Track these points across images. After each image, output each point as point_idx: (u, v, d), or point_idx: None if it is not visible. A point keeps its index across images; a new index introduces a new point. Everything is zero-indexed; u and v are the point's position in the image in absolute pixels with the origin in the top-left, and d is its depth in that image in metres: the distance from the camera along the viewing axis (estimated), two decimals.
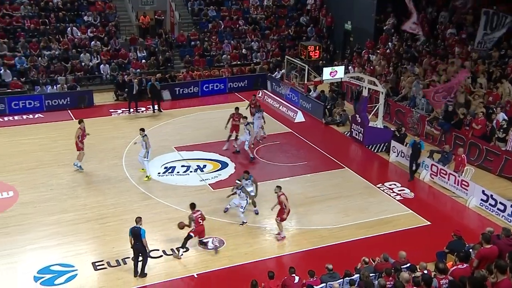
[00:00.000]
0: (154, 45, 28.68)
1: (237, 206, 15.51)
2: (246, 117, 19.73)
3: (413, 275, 10.31)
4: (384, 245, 13.74)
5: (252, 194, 15.79)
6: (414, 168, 18.34)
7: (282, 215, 14.49)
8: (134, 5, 30.64)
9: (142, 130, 17.99)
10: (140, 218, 12.96)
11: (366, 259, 12.08)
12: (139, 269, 13.00)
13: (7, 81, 24.76)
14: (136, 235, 12.69)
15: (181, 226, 13.94)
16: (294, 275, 11.44)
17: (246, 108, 21.64)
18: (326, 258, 12.98)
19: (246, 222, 15.45)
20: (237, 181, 15.69)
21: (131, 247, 12.90)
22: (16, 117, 23.24)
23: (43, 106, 24.01)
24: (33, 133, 21.69)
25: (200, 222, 13.90)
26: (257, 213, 16.00)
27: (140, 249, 12.79)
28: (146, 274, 13.08)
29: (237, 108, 20.23)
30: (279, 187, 14.67)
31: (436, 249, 13.18)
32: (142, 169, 18.30)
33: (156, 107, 24.25)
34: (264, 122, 20.93)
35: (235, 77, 27.77)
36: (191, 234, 13.88)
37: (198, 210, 14.02)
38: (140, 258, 12.96)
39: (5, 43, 26.18)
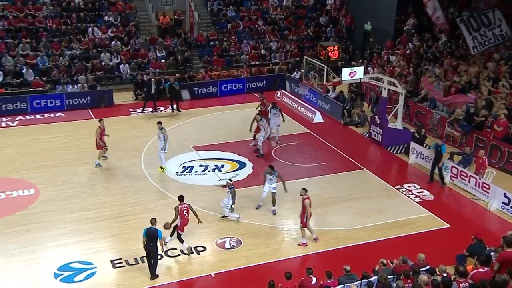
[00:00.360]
0: (173, 45, 28.86)
1: (224, 206, 15.48)
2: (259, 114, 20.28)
3: (432, 278, 10.20)
4: (403, 247, 13.61)
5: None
6: (437, 172, 18.05)
7: (302, 220, 14.34)
8: (154, 5, 30.86)
9: (160, 123, 18.37)
10: (155, 219, 12.96)
11: (384, 261, 11.99)
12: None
13: (29, 80, 25.13)
14: (153, 236, 12.69)
15: (166, 227, 13.76)
16: (311, 276, 11.40)
17: (257, 108, 21.60)
18: (343, 260, 12.90)
19: (227, 216, 15.54)
20: (228, 181, 15.71)
21: (144, 247, 12.88)
22: (37, 116, 23.59)
23: (64, 105, 24.33)
24: (54, 131, 21.98)
25: (185, 215, 13.86)
26: (274, 214, 15.98)
27: (152, 250, 12.80)
28: (158, 275, 13.05)
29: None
30: (305, 190, 14.36)
31: (456, 252, 13.02)
32: (161, 167, 18.48)
33: (174, 107, 24.39)
34: (283, 120, 20.85)
35: (254, 77, 27.79)
36: (179, 231, 13.88)
37: (186, 203, 14.01)
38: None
39: (28, 43, 26.60)
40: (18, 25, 27.26)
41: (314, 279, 11.35)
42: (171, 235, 14.17)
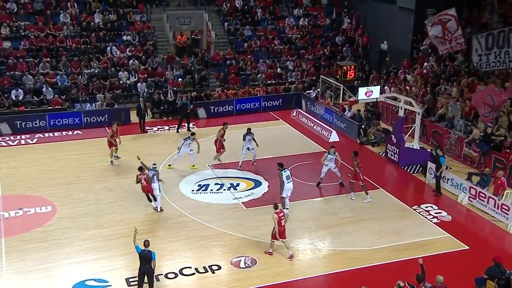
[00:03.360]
0: (190, 63, 29.16)
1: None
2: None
3: None
4: (419, 269, 13.39)
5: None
6: (435, 182, 18.51)
7: (272, 232, 14.61)
8: (172, 24, 31.29)
9: (193, 134, 20.35)
10: (149, 241, 12.91)
11: (401, 284, 11.80)
12: None
13: (49, 98, 25.56)
14: (147, 259, 12.68)
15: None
16: None
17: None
18: (359, 281, 12.76)
19: (162, 210, 16.88)
20: (153, 165, 17.13)
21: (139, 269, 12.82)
22: (56, 133, 23.92)
23: (82, 123, 24.66)
24: (72, 149, 22.24)
25: (143, 183, 16.41)
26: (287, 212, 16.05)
27: (148, 272, 12.78)
28: None
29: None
30: (275, 204, 14.73)
31: (475, 274, 12.80)
32: (193, 166, 20.16)
33: (186, 125, 24.53)
34: (257, 145, 20.50)
35: (270, 96, 27.91)
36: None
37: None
38: (146, 280, 12.88)
39: (48, 62, 27.11)
40: (39, 45, 27.83)
41: None
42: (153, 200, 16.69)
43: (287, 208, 16.62)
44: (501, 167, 18.71)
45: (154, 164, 17.33)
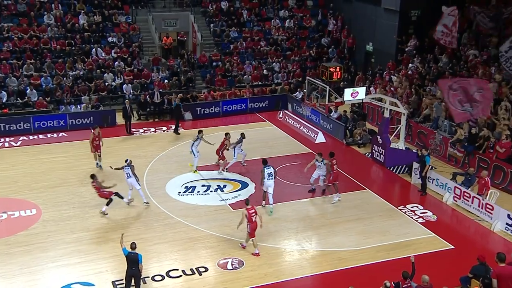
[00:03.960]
0: (176, 65, 29.08)
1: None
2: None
3: None
4: (406, 269, 13.45)
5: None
6: (421, 181, 18.67)
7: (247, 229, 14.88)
8: (158, 26, 31.18)
9: (200, 132, 20.21)
10: (135, 243, 12.83)
11: (387, 284, 11.87)
12: None
13: (33, 101, 25.30)
14: (134, 261, 12.63)
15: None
16: None
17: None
18: (346, 281, 12.81)
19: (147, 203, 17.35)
20: (126, 161, 17.39)
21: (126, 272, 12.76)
22: (40, 136, 23.68)
23: (67, 125, 24.44)
24: (57, 152, 22.04)
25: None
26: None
27: (135, 274, 12.72)
28: None
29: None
30: (247, 200, 15.28)
31: (459, 274, 12.92)
32: (191, 166, 20.06)
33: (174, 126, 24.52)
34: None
35: (256, 98, 27.93)
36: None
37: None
38: (133, 283, 12.82)
39: (32, 63, 26.83)
40: (23, 46, 27.55)
41: None
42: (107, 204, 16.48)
43: (271, 204, 16.93)
44: (484, 167, 18.91)
45: (127, 160, 17.54)
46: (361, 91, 21.86)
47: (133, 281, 12.78)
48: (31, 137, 23.57)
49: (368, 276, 13.71)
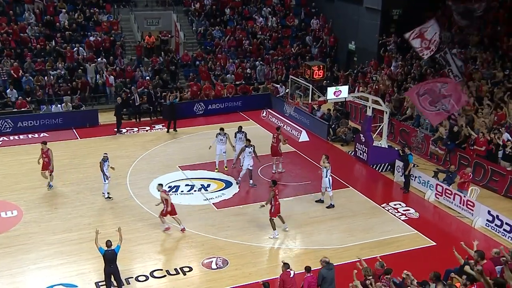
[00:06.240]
0: (159, 64, 28.88)
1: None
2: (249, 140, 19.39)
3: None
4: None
5: None
6: (404, 180, 18.80)
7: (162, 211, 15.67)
8: (140, 25, 30.96)
9: (222, 129, 19.92)
10: (111, 241, 12.75)
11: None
12: None
13: (13, 101, 24.93)
14: (112, 259, 12.55)
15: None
16: (289, 270, 12.08)
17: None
18: None
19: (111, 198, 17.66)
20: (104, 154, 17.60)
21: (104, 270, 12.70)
22: (21, 136, 23.36)
23: (48, 125, 24.12)
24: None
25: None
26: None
27: (113, 272, 12.66)
28: None
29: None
30: (160, 185, 15.99)
31: (442, 270, 12.98)
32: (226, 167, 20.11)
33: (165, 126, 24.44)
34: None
35: (239, 97, 27.89)
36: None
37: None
38: (114, 282, 12.79)
39: (11, 62, 26.37)
40: (1, 47, 27.06)
41: (292, 273, 12.09)
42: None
43: (251, 180, 18.53)
44: (465, 164, 19.15)
45: (105, 153, 17.82)
46: (343, 90, 21.99)
47: (113, 278, 12.68)
48: (11, 137, 23.25)
49: (353, 273, 13.75)
